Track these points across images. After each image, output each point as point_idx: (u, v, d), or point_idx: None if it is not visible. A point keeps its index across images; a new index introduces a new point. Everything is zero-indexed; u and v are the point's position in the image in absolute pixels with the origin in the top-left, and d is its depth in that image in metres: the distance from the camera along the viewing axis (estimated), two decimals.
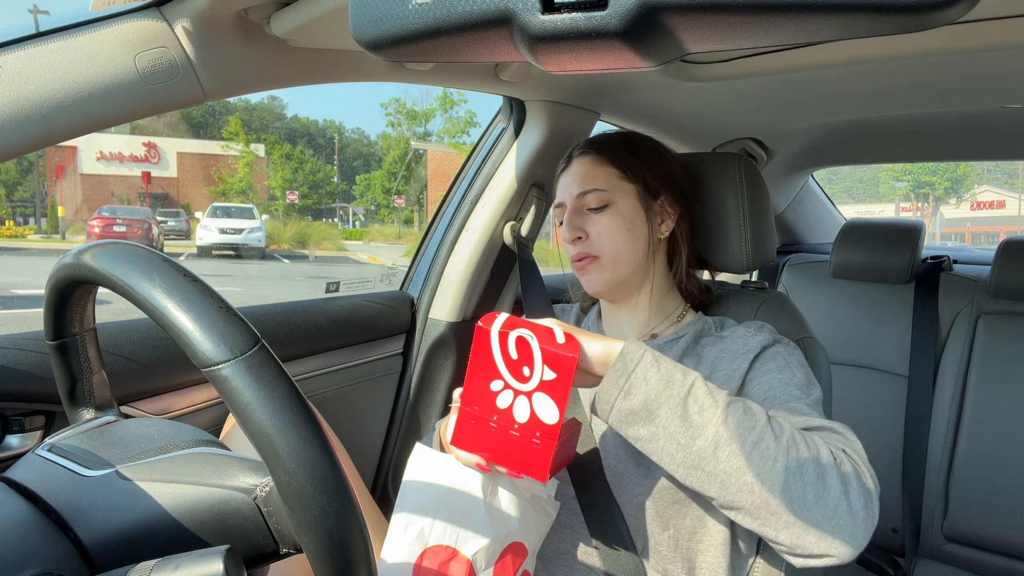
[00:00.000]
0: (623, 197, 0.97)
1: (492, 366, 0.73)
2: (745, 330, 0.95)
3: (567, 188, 1.00)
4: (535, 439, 0.71)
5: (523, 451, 0.73)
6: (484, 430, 0.74)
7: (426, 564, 0.78)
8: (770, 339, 0.92)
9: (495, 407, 0.73)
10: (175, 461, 0.53)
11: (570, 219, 0.98)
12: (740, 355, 0.91)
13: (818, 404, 0.85)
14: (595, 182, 0.97)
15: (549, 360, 0.70)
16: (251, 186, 26.79)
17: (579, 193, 0.98)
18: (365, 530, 0.46)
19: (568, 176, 1.01)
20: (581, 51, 0.35)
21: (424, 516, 0.81)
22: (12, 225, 23.84)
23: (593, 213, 0.97)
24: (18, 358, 0.87)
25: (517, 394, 0.72)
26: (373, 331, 1.38)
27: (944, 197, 38.00)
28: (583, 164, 1.00)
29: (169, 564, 0.44)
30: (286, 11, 0.81)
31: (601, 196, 0.97)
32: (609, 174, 0.98)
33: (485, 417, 0.73)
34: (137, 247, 0.50)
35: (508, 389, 0.72)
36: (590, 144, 1.02)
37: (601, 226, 0.96)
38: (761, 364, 0.89)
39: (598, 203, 0.97)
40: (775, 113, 1.50)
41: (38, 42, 0.70)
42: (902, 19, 0.30)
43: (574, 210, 0.98)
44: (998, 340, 1.60)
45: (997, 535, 1.54)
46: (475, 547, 0.78)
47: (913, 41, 0.95)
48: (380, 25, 0.39)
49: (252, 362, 0.45)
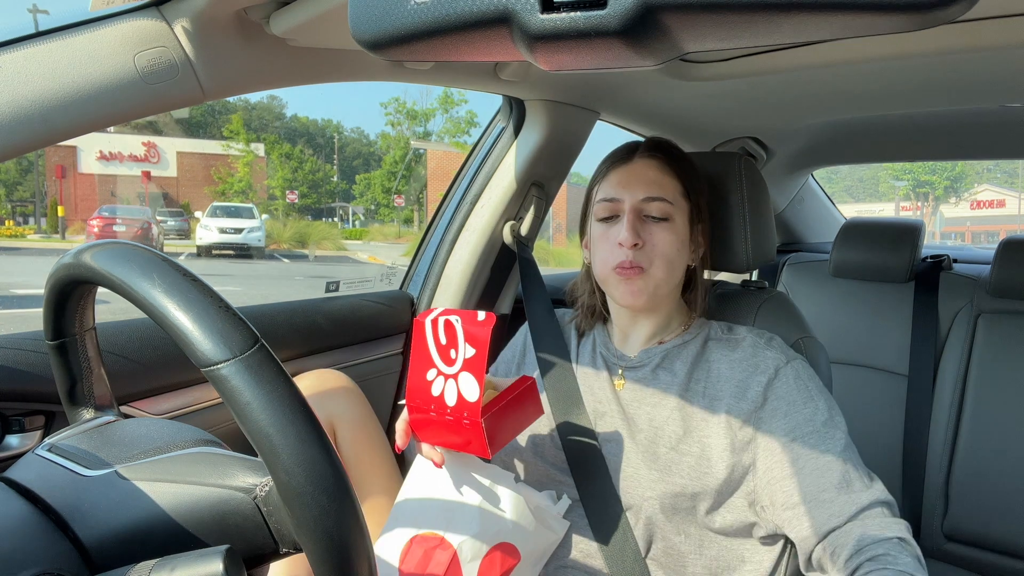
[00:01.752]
0: (680, 214, 0.94)
1: (427, 356, 0.76)
2: (755, 339, 0.94)
3: (629, 186, 0.93)
4: (464, 419, 0.73)
5: (459, 433, 0.75)
6: (427, 420, 0.77)
7: (414, 549, 0.80)
8: (783, 358, 0.91)
9: (431, 396, 0.76)
10: (175, 461, 0.53)
11: (632, 223, 0.91)
12: (752, 369, 0.90)
13: (842, 426, 0.86)
14: (663, 191, 0.93)
15: (469, 337, 0.73)
16: (251, 186, 26.78)
17: (644, 198, 0.92)
18: (365, 530, 0.46)
19: (630, 174, 0.94)
20: (580, 50, 0.35)
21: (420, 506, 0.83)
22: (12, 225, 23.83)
23: (653, 222, 0.92)
24: (18, 358, 0.87)
25: (447, 379, 0.75)
26: (373, 331, 1.38)
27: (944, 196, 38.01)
28: (651, 167, 0.94)
29: (169, 564, 0.44)
30: (285, 10, 0.81)
31: (665, 208, 0.92)
32: (675, 187, 0.94)
33: (425, 408, 0.76)
34: (137, 247, 0.50)
35: (440, 375, 0.75)
36: (659, 147, 0.98)
37: (659, 238, 0.91)
38: (780, 390, 0.88)
39: (660, 214, 0.92)
40: (775, 112, 1.50)
41: (37, 42, 0.70)
42: (902, 18, 0.30)
43: (637, 214, 0.92)
44: (998, 339, 1.60)
45: (997, 534, 1.54)
46: (461, 538, 0.79)
47: (913, 41, 0.95)
48: (379, 24, 0.39)
49: (252, 362, 0.45)
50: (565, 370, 1.02)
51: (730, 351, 0.94)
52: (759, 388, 0.89)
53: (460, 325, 0.74)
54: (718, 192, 1.05)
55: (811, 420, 0.86)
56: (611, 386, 0.98)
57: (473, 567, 0.79)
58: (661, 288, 0.94)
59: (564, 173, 1.48)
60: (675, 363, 0.96)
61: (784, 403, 0.87)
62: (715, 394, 0.91)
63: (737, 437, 0.87)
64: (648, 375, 0.96)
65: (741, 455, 0.87)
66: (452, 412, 0.74)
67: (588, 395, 0.99)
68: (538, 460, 0.98)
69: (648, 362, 0.97)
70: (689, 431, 0.89)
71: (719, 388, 0.91)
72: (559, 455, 0.96)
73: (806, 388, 0.88)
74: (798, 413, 0.86)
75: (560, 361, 1.04)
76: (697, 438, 0.89)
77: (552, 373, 1.03)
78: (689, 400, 0.92)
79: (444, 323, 0.75)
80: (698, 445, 0.88)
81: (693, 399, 0.91)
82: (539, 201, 1.42)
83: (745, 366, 0.91)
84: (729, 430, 0.88)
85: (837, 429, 0.86)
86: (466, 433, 0.74)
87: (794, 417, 0.86)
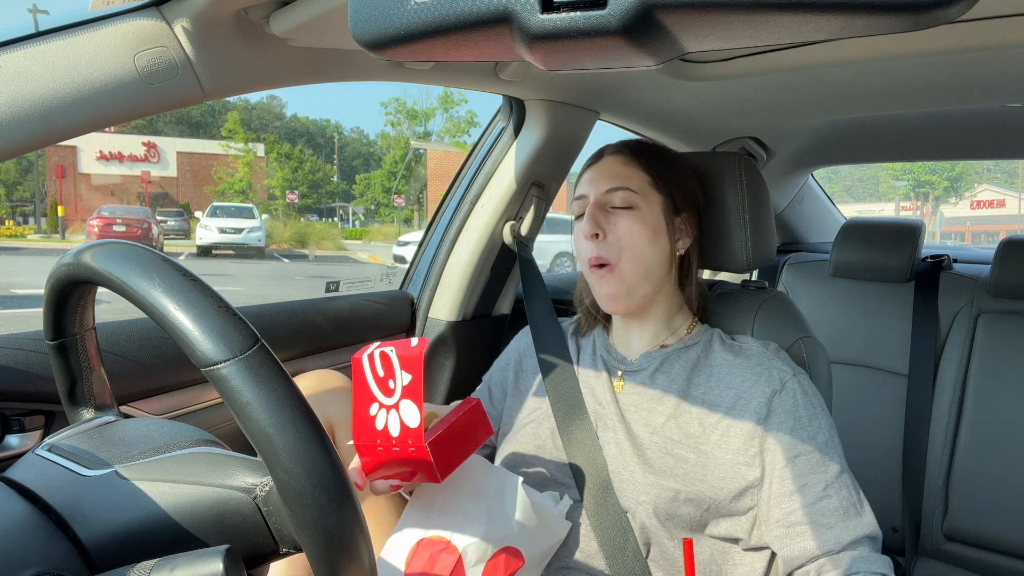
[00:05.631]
0: (650, 205, 0.94)
1: (367, 391, 0.74)
2: (762, 348, 0.94)
3: (594, 182, 0.96)
4: (410, 447, 0.72)
5: (408, 462, 0.74)
6: (375, 455, 0.75)
7: (419, 552, 0.80)
8: (789, 371, 0.91)
9: (376, 431, 0.74)
10: (175, 461, 0.53)
11: (592, 213, 0.93)
12: (756, 378, 0.90)
13: (839, 447, 0.87)
14: (627, 181, 0.94)
15: (404, 364, 0.72)
16: (251, 185, 26.78)
17: (607, 189, 0.94)
18: (365, 529, 0.46)
19: (596, 170, 0.97)
20: (580, 50, 0.35)
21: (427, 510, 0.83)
22: (12, 225, 23.83)
23: (617, 212, 0.93)
24: (18, 358, 0.87)
25: (388, 410, 0.73)
26: (373, 330, 1.38)
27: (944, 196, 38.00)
28: (616, 162, 0.97)
29: (168, 564, 0.44)
30: (285, 10, 0.80)
31: (629, 196, 0.93)
32: (641, 178, 0.95)
33: (372, 444, 0.75)
34: (136, 247, 0.50)
35: (382, 408, 0.74)
36: (626, 144, 1.00)
37: (623, 228, 0.92)
38: (787, 404, 0.88)
39: (623, 203, 0.93)
40: (775, 112, 1.50)
41: (38, 42, 0.70)
42: (901, 18, 0.30)
43: (597, 205, 0.94)
44: (998, 339, 1.60)
45: (997, 533, 1.54)
46: (467, 541, 0.79)
47: (913, 41, 0.95)
48: (379, 24, 0.39)
49: (251, 361, 0.45)
50: (567, 371, 1.02)
51: (733, 357, 0.94)
52: (763, 399, 0.88)
53: (394, 354, 0.73)
54: (718, 192, 1.05)
55: (814, 438, 0.86)
56: (610, 389, 0.98)
57: (477, 570, 0.79)
58: (638, 287, 0.94)
59: (564, 173, 1.48)
60: (675, 367, 0.95)
61: (791, 418, 0.87)
62: (715, 400, 0.91)
63: (740, 448, 0.87)
64: (647, 379, 0.96)
65: (745, 468, 0.86)
66: (397, 442, 0.73)
67: (589, 397, 0.99)
68: (539, 461, 0.98)
69: (647, 366, 0.97)
70: (685, 437, 0.89)
71: (719, 394, 0.91)
72: (560, 456, 0.96)
73: (811, 405, 0.88)
74: (803, 430, 0.86)
75: (562, 362, 1.04)
76: (693, 444, 0.88)
77: (554, 374, 1.03)
78: (687, 405, 0.91)
79: (380, 355, 0.74)
80: (694, 451, 0.88)
81: (691, 404, 0.91)
82: (539, 201, 1.42)
83: (748, 375, 0.91)
84: (729, 439, 0.88)
85: (836, 449, 0.86)
86: (414, 461, 0.73)
87: (799, 434, 0.86)
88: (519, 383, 1.10)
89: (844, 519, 0.82)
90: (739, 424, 0.88)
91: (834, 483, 0.84)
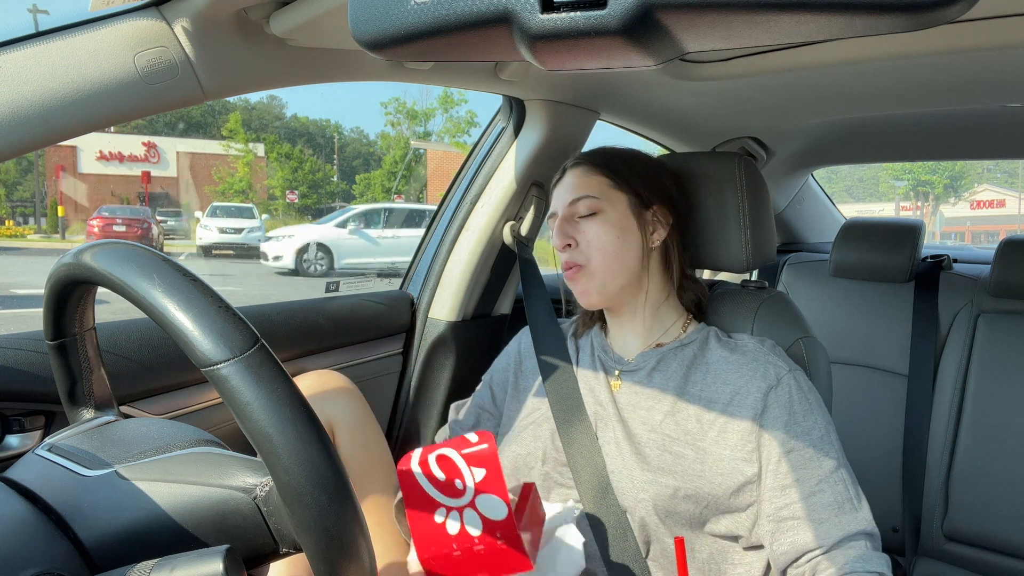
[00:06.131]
0: (613, 205, 0.97)
1: (427, 499, 0.70)
2: (758, 345, 0.95)
3: (559, 197, 1.01)
4: (498, 540, 0.69)
5: (495, 557, 0.70)
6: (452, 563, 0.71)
7: None
8: (785, 367, 0.91)
9: (448, 536, 0.70)
10: (175, 461, 0.53)
11: (560, 226, 0.98)
12: (752, 374, 0.90)
13: (837, 443, 0.87)
14: (586, 189, 0.98)
15: (473, 462, 0.68)
16: (251, 186, 26.75)
17: (571, 201, 0.98)
18: (365, 529, 0.46)
19: (561, 186, 1.02)
20: (580, 50, 0.35)
21: None
22: (12, 225, 23.82)
23: (583, 221, 0.97)
24: (18, 358, 0.87)
25: (461, 511, 0.70)
26: (373, 330, 1.38)
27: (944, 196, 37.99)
28: (575, 174, 1.01)
29: (168, 564, 0.44)
30: (285, 10, 0.81)
31: (591, 203, 0.97)
32: (600, 182, 0.99)
33: (447, 552, 0.71)
34: (136, 247, 0.50)
35: (451, 511, 0.70)
36: (583, 156, 1.04)
37: (591, 233, 0.96)
38: (783, 399, 0.88)
39: (587, 210, 0.97)
40: (775, 112, 1.50)
41: (37, 42, 0.70)
42: (901, 18, 0.30)
43: (565, 218, 0.99)
44: (998, 339, 1.60)
45: (997, 534, 1.54)
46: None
47: (913, 41, 0.95)
48: (379, 24, 0.39)
49: (251, 362, 0.45)
50: (566, 371, 1.03)
51: (730, 353, 0.94)
52: (759, 394, 0.88)
53: (457, 455, 0.69)
54: (718, 192, 1.05)
55: (809, 433, 0.86)
56: (608, 388, 0.98)
57: None
58: (610, 281, 0.96)
59: None
60: (671, 365, 0.96)
61: (785, 413, 0.87)
62: (712, 397, 0.91)
63: (737, 443, 0.87)
64: (644, 378, 0.96)
65: (743, 463, 0.86)
66: (481, 540, 0.69)
67: (588, 397, 0.99)
68: (540, 461, 0.99)
69: (644, 365, 0.97)
70: (683, 434, 0.89)
71: (716, 391, 0.91)
72: (560, 456, 0.96)
73: (806, 400, 0.89)
74: (797, 425, 0.87)
75: (561, 364, 1.04)
76: (691, 440, 0.89)
77: (553, 375, 1.03)
78: (684, 403, 0.92)
79: (437, 459, 0.69)
80: (692, 448, 0.88)
81: (689, 401, 0.92)
82: (539, 201, 1.42)
83: (745, 371, 0.91)
84: (727, 435, 0.88)
85: (832, 446, 0.86)
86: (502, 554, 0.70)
87: (793, 429, 0.86)
88: (519, 383, 1.11)
89: (837, 514, 0.82)
90: (736, 420, 0.88)
91: (828, 478, 0.84)
